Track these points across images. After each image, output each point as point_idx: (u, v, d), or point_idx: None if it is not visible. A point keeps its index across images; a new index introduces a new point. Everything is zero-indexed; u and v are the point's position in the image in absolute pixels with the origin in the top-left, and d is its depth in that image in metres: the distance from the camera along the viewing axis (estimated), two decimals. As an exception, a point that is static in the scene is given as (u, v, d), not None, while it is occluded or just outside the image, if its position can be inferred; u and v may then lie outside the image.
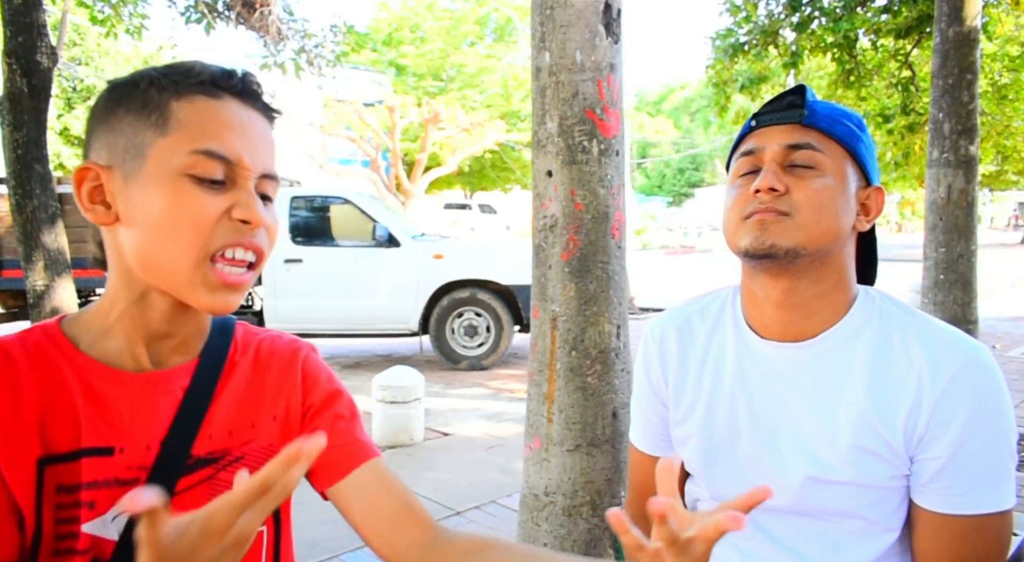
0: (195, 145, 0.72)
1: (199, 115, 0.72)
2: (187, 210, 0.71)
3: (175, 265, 0.72)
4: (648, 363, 1.12)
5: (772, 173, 0.93)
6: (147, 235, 0.72)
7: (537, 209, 2.26)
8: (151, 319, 0.77)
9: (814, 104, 0.96)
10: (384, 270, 6.78)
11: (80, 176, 0.73)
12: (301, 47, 7.58)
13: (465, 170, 23.01)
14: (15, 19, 5.37)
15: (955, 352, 0.91)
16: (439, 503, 3.60)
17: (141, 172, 0.72)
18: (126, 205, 0.72)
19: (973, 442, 0.89)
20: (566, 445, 2.22)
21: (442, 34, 23.13)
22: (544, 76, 2.19)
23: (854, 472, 0.93)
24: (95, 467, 0.72)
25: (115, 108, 0.73)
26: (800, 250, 0.92)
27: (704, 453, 1.05)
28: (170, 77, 0.73)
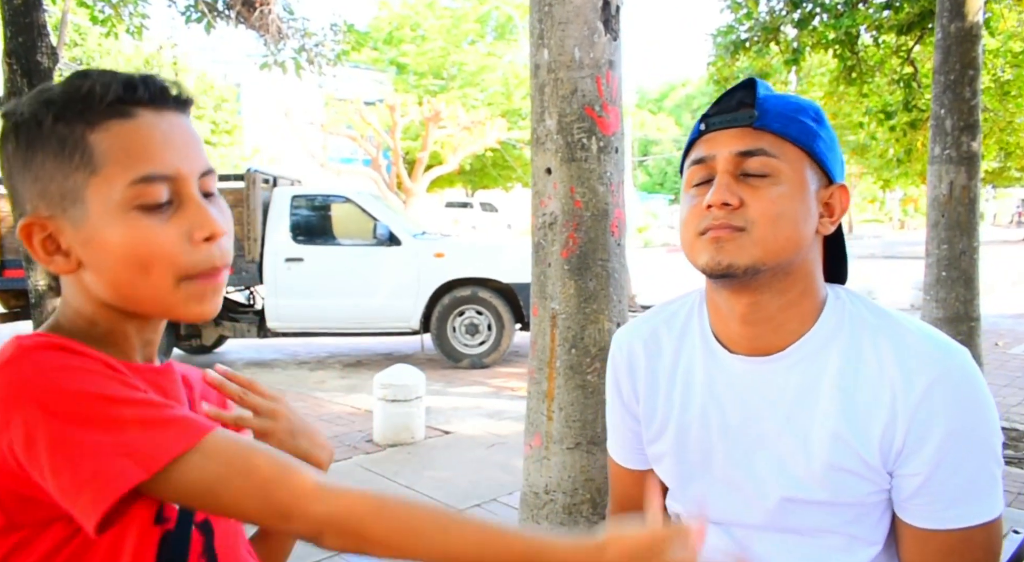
0: (131, 175, 0.69)
1: (121, 142, 0.70)
2: (147, 244, 0.70)
3: (155, 295, 0.72)
4: (617, 378, 1.09)
5: (724, 186, 0.88)
6: (117, 274, 0.71)
7: (536, 207, 2.26)
8: (136, 333, 0.78)
9: (765, 102, 0.90)
10: (385, 269, 6.78)
11: (27, 232, 0.71)
12: (301, 46, 7.58)
13: (466, 168, 23.00)
14: (15, 19, 5.36)
15: (929, 361, 0.87)
16: (440, 501, 3.58)
17: (87, 216, 0.70)
18: (85, 250, 0.71)
19: (954, 455, 0.85)
20: (566, 443, 2.21)
21: (443, 32, 23.11)
22: (543, 73, 2.18)
23: (831, 491, 0.90)
24: None
25: (30, 154, 0.70)
26: (760, 266, 0.87)
27: (679, 472, 1.02)
28: (73, 107, 0.69)
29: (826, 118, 0.93)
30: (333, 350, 8.05)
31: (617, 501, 1.16)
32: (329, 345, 8.26)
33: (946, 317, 4.42)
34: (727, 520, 0.98)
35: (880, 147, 11.37)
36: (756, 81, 0.91)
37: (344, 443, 4.56)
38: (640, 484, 1.10)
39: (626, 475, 1.12)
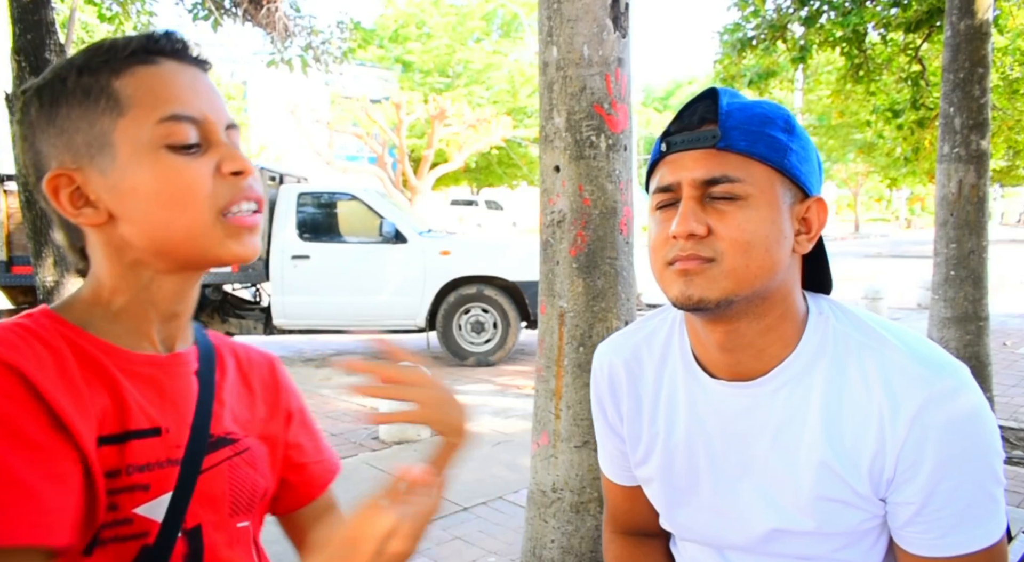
0: (159, 114, 0.69)
1: (147, 85, 0.69)
2: (179, 179, 0.69)
3: (195, 232, 0.70)
4: (602, 399, 1.06)
5: (689, 214, 0.82)
6: (152, 217, 0.69)
7: (544, 205, 2.25)
8: (162, 300, 0.75)
9: (729, 117, 0.83)
10: (391, 266, 6.78)
11: (53, 186, 0.69)
12: (308, 44, 7.58)
13: (471, 166, 23.04)
14: (24, 17, 5.38)
15: (917, 384, 0.82)
16: (446, 499, 3.59)
17: (116, 160, 0.69)
18: (114, 197, 0.69)
19: (948, 482, 0.81)
20: (574, 441, 2.21)
21: (448, 30, 23.12)
22: (551, 71, 2.18)
23: (819, 522, 0.87)
24: (147, 448, 0.71)
25: (54, 109, 0.69)
26: (732, 298, 0.83)
27: (667, 498, 1.00)
28: (96, 58, 0.70)
29: (798, 125, 0.87)
30: (338, 347, 8.07)
31: (611, 511, 1.15)
32: (334, 342, 8.27)
33: (954, 316, 4.40)
34: (718, 543, 0.97)
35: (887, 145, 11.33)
36: (718, 91, 0.86)
37: (350, 440, 4.57)
38: (630, 499, 1.09)
39: (617, 490, 1.11)
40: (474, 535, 3.22)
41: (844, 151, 22.61)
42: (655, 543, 1.09)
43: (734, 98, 0.86)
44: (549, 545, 2.26)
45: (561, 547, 2.24)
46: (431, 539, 3.16)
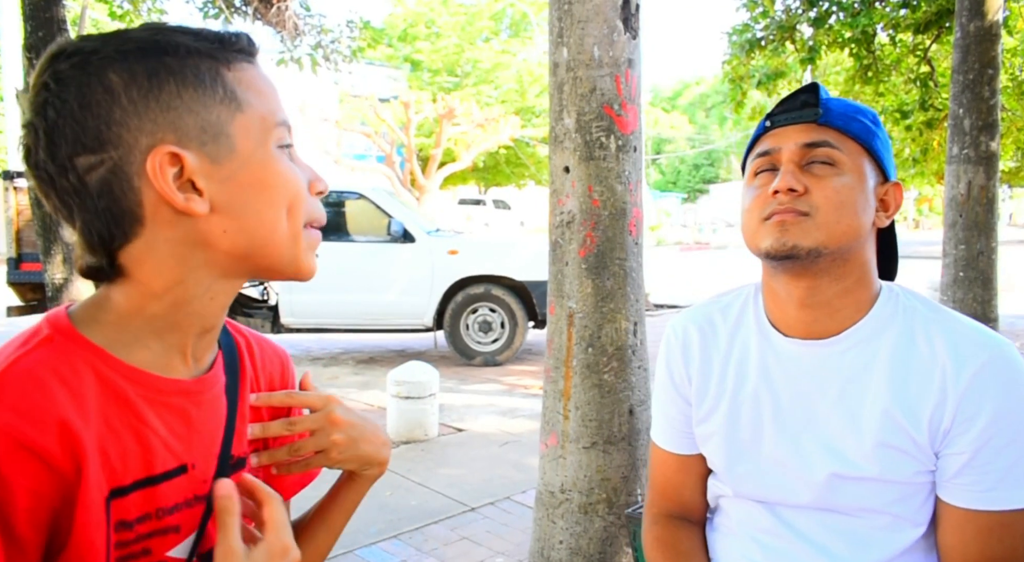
0: (275, 117, 0.69)
1: (256, 86, 0.69)
2: (292, 181, 0.70)
3: (291, 238, 0.70)
4: (671, 362, 1.12)
5: (791, 173, 0.93)
6: (255, 216, 0.67)
7: (554, 205, 2.26)
8: (210, 311, 0.71)
9: (828, 102, 0.96)
10: (399, 265, 6.79)
11: (160, 165, 0.63)
12: (317, 43, 7.60)
13: (479, 166, 23.02)
14: (35, 14, 5.42)
15: (979, 347, 0.91)
16: (453, 499, 3.61)
17: (233, 152, 0.66)
18: (225, 189, 0.66)
19: (999, 438, 0.88)
20: (582, 442, 2.22)
21: (457, 30, 23.14)
22: (562, 72, 2.18)
23: (879, 468, 0.93)
24: (175, 489, 0.68)
25: (157, 83, 0.63)
26: (822, 250, 0.91)
27: (727, 451, 1.04)
28: (206, 43, 0.67)
29: (882, 123, 0.99)
30: (346, 346, 8.08)
31: (658, 489, 1.17)
32: (342, 341, 8.29)
33: (963, 319, 4.40)
34: (773, 499, 1.01)
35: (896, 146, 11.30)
36: (819, 85, 0.97)
37: (358, 439, 4.58)
38: (683, 470, 1.13)
39: (670, 461, 1.14)
40: (481, 535, 3.22)
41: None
42: (694, 529, 1.14)
43: (829, 94, 0.98)
44: (557, 546, 2.27)
45: (569, 548, 2.24)
46: (438, 539, 3.17)
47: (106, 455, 0.63)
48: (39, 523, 0.59)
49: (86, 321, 0.66)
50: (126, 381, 0.65)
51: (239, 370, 0.79)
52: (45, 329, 0.65)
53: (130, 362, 0.66)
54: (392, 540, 3.17)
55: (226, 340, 0.80)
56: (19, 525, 0.58)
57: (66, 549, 0.61)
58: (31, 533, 0.59)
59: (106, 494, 0.63)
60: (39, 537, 0.60)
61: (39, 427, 0.58)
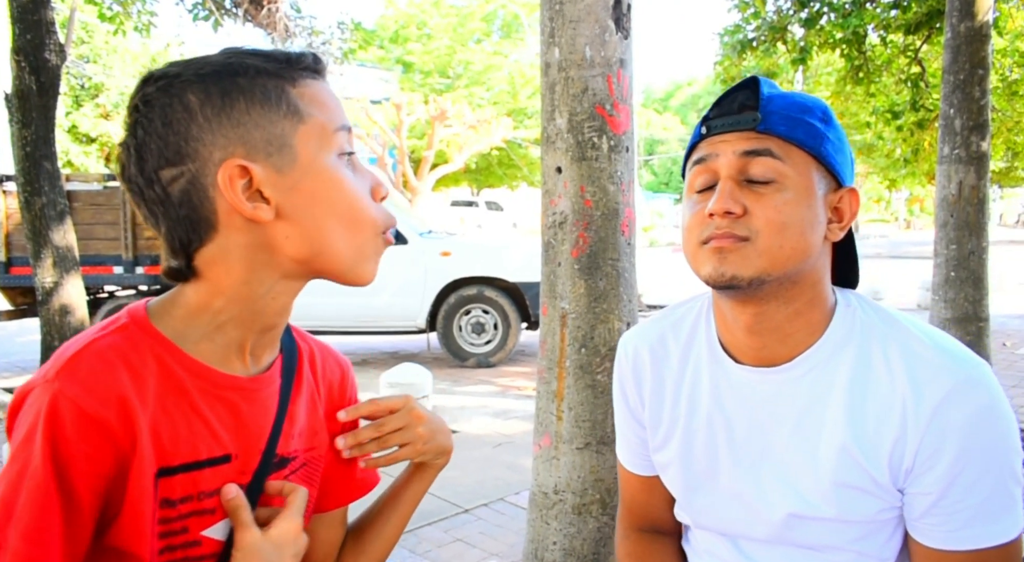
0: (334, 124, 0.74)
1: (318, 98, 0.74)
2: (353, 188, 0.73)
3: (358, 246, 0.74)
4: (623, 384, 1.07)
5: (727, 193, 0.84)
6: (318, 222, 0.72)
7: (546, 206, 2.25)
8: (270, 312, 0.76)
9: (769, 103, 0.85)
10: (391, 267, 6.77)
11: (230, 176, 0.69)
12: (308, 44, 7.58)
13: (472, 167, 23.03)
14: (23, 17, 5.38)
15: (941, 373, 0.83)
16: (447, 501, 3.60)
17: (296, 162, 0.71)
18: (289, 197, 0.71)
19: (967, 475, 0.82)
20: (576, 443, 2.21)
21: (449, 31, 23.13)
22: (553, 72, 2.18)
23: (837, 510, 0.87)
24: (218, 475, 0.74)
25: (228, 101, 0.70)
26: (765, 277, 0.84)
27: (685, 484, 0.99)
28: (273, 64, 0.72)
29: (835, 117, 0.89)
30: (339, 348, 8.01)
31: (627, 504, 1.14)
32: (335, 343, 8.20)
33: (955, 317, 4.40)
34: (735, 532, 0.97)
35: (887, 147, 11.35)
36: (759, 80, 0.88)
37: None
38: (648, 490, 1.09)
39: (634, 480, 1.11)
40: (475, 537, 3.21)
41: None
42: (668, 541, 1.10)
43: (773, 88, 0.88)
44: (551, 547, 2.26)
45: (563, 549, 2.23)
46: (432, 541, 3.16)
47: (158, 436, 0.69)
48: (97, 489, 0.66)
49: (159, 314, 0.73)
50: (185, 371, 0.71)
51: (295, 374, 0.83)
52: (123, 318, 0.72)
53: (193, 354, 0.72)
54: (385, 543, 3.16)
55: (289, 345, 0.84)
56: (79, 488, 0.64)
57: (117, 519, 0.68)
58: (89, 496, 0.65)
59: (155, 472, 0.69)
60: (96, 502, 0.66)
61: (102, 401, 0.65)
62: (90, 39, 18.94)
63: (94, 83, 18.59)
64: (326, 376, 0.90)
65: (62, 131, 17.87)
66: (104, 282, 7.18)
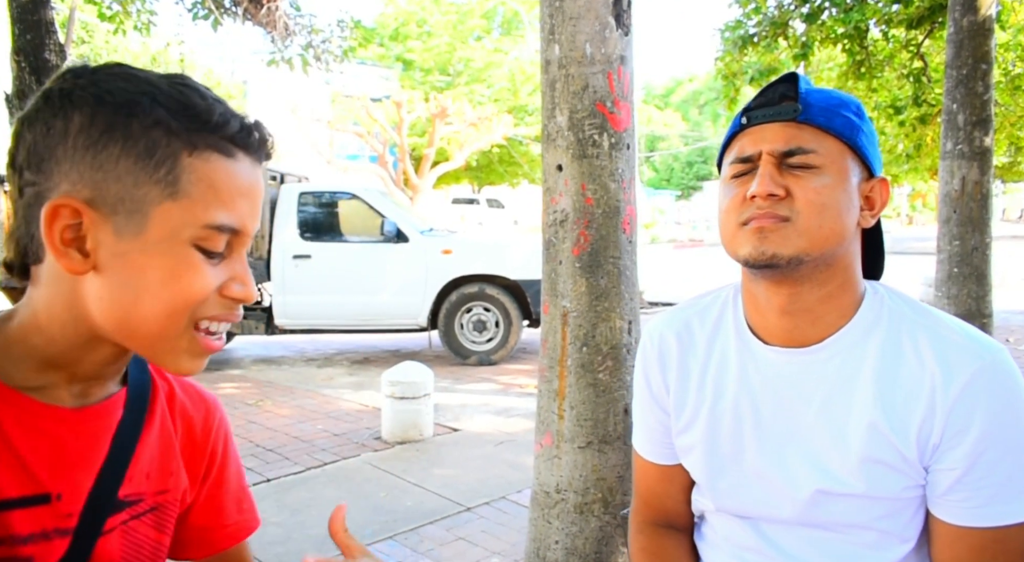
0: (210, 219, 0.65)
1: (212, 181, 0.65)
2: (189, 284, 0.65)
3: (163, 334, 0.66)
4: (648, 370, 1.08)
5: (768, 176, 0.87)
6: (131, 298, 0.65)
7: (547, 204, 2.24)
8: (93, 362, 0.70)
9: (808, 95, 0.89)
10: (393, 265, 6.77)
11: (55, 213, 0.62)
12: (308, 43, 7.57)
13: (473, 165, 23.01)
14: (23, 17, 5.38)
15: (969, 355, 0.86)
16: (449, 499, 3.59)
17: (142, 233, 0.64)
18: (113, 260, 0.64)
19: (992, 452, 0.84)
20: (577, 442, 2.20)
21: (449, 28, 23.10)
22: (554, 69, 2.16)
23: (865, 484, 0.89)
24: (32, 517, 0.66)
25: (105, 141, 0.63)
26: (803, 257, 0.87)
27: (709, 465, 1.00)
28: (182, 120, 0.64)
29: (867, 113, 0.93)
30: (341, 347, 8.06)
31: (642, 497, 1.14)
32: (337, 342, 8.26)
33: (958, 314, 4.39)
34: (756, 514, 0.98)
35: (889, 142, 11.31)
36: (798, 75, 0.91)
37: (352, 440, 4.56)
38: (666, 480, 1.10)
39: (652, 470, 1.11)
40: (477, 535, 3.21)
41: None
42: (681, 537, 1.11)
43: (810, 84, 0.92)
44: (553, 546, 2.25)
45: (565, 548, 2.23)
46: (434, 540, 3.15)
47: None
48: None
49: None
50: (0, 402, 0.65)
51: (146, 411, 0.77)
52: None
53: (9, 383, 0.66)
54: (388, 541, 3.15)
55: (140, 379, 0.78)
56: None
57: None
58: None
59: None
60: None
61: None
62: (91, 39, 18.95)
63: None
64: (185, 414, 0.83)
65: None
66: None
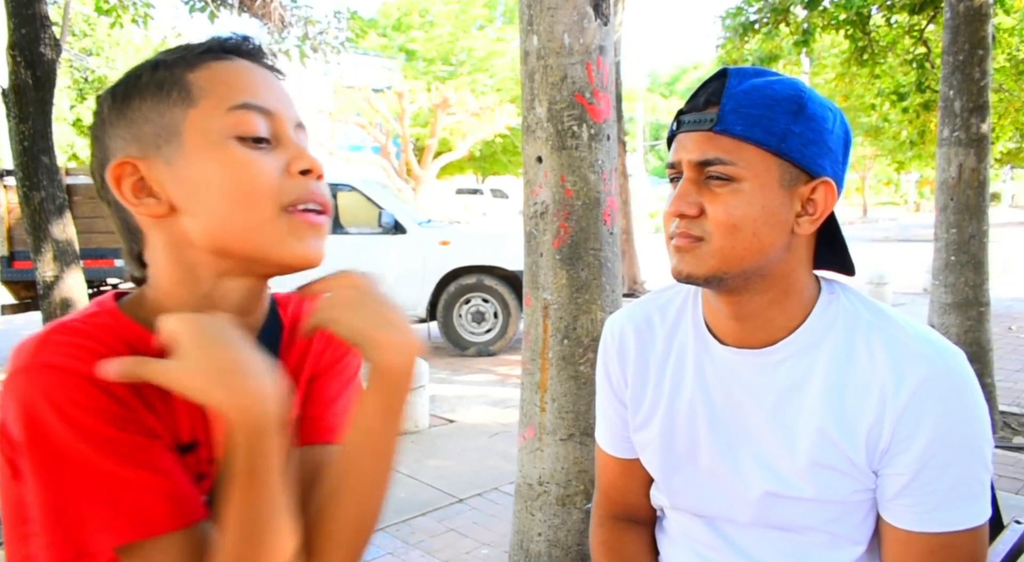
0: (231, 102, 0.68)
1: (220, 76, 0.69)
2: (245, 172, 0.67)
3: (256, 227, 0.68)
4: (607, 363, 1.08)
5: (682, 196, 0.87)
6: (215, 210, 0.67)
7: (527, 196, 2.23)
8: (226, 308, 0.71)
9: (729, 99, 0.85)
10: (391, 257, 6.77)
11: (117, 174, 0.68)
12: (304, 34, 7.54)
13: (476, 155, 22.97)
14: (18, 11, 5.37)
15: (921, 360, 0.86)
16: (442, 490, 3.61)
17: (183, 150, 0.68)
18: (179, 189, 0.68)
19: (940, 457, 0.85)
20: (559, 434, 2.20)
21: (451, 18, 23.02)
22: (532, 60, 2.15)
23: (814, 488, 0.90)
24: (188, 464, 0.70)
25: (126, 101, 0.69)
26: (720, 275, 0.87)
27: (663, 463, 1.01)
28: (173, 54, 0.70)
29: (813, 106, 0.87)
30: (341, 338, 8.07)
31: (603, 491, 1.15)
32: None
33: (955, 302, 4.36)
34: (712, 513, 0.98)
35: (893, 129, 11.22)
36: (729, 73, 0.87)
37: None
38: (626, 474, 1.10)
39: (612, 464, 1.12)
40: (468, 527, 3.22)
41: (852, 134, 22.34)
42: (642, 530, 1.11)
43: (745, 79, 0.87)
44: (536, 538, 2.26)
45: (548, 540, 2.23)
46: (425, 531, 3.17)
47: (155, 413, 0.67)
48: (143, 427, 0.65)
49: (130, 302, 0.74)
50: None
51: (277, 352, 0.79)
52: (92, 307, 0.72)
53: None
54: (379, 533, 3.14)
55: (271, 323, 0.79)
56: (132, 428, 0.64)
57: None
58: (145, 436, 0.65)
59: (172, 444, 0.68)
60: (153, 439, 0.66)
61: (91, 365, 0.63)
62: (92, 32, 18.95)
63: (97, 76, 18.61)
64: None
65: (67, 124, 17.94)
66: (106, 275, 7.22)
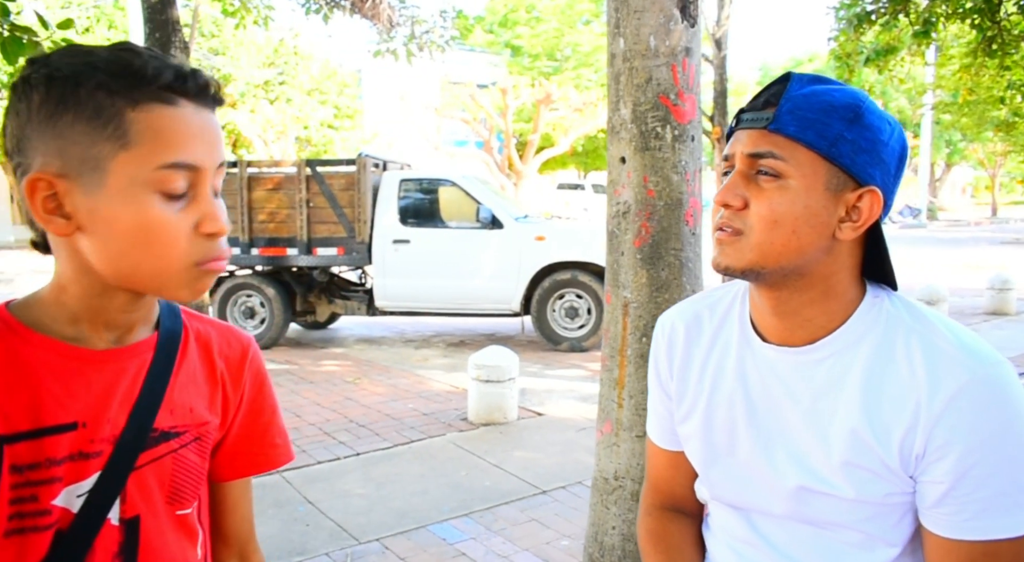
0: (161, 160, 0.71)
1: (158, 126, 0.71)
2: (163, 230, 0.72)
3: (161, 274, 0.74)
4: (657, 357, 1.12)
5: (730, 186, 0.90)
6: (125, 253, 0.73)
7: (611, 195, 2.27)
8: (112, 309, 0.78)
9: (787, 101, 0.88)
10: (488, 251, 6.91)
11: (32, 187, 0.71)
12: (411, 33, 7.78)
13: (579, 150, 22.94)
14: (153, 16, 5.82)
15: (958, 368, 0.85)
16: (526, 481, 3.69)
17: (103, 186, 0.71)
18: (89, 217, 0.72)
19: (980, 468, 0.83)
20: (635, 431, 2.24)
21: (557, 13, 23.04)
22: (618, 62, 2.19)
23: (847, 486, 0.90)
24: (60, 443, 0.75)
25: (59, 112, 0.70)
26: (757, 270, 0.89)
27: (704, 455, 1.04)
28: (120, 81, 0.70)
29: (871, 117, 0.88)
30: (438, 329, 8.30)
31: (652, 481, 1.19)
32: (434, 324, 8.52)
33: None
34: (747, 506, 1.01)
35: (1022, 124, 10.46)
36: (792, 77, 0.90)
37: (439, 420, 4.73)
38: (673, 466, 1.13)
39: (661, 455, 1.15)
40: (550, 518, 3.29)
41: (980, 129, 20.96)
42: (689, 521, 1.14)
43: (807, 85, 0.89)
44: (610, 531, 2.30)
45: (621, 534, 2.27)
46: (508, 519, 3.26)
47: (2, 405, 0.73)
48: None
49: (20, 306, 0.79)
50: (33, 348, 0.75)
51: (176, 351, 0.85)
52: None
53: (45, 333, 0.76)
54: (463, 518, 3.29)
55: (171, 324, 0.86)
56: None
57: None
58: None
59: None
60: None
61: None
62: (220, 33, 20.15)
63: (223, 74, 19.78)
64: (223, 352, 0.91)
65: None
66: (224, 262, 7.68)
